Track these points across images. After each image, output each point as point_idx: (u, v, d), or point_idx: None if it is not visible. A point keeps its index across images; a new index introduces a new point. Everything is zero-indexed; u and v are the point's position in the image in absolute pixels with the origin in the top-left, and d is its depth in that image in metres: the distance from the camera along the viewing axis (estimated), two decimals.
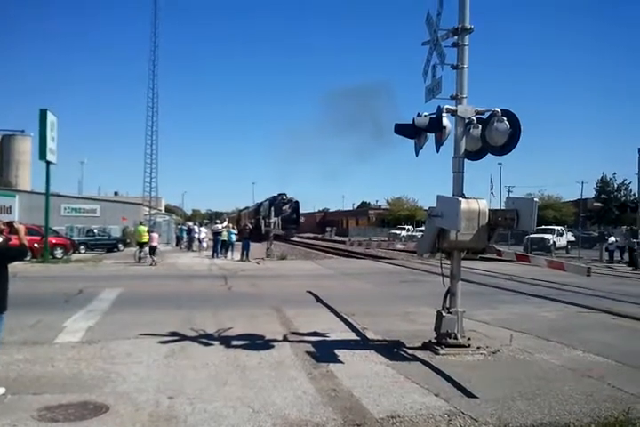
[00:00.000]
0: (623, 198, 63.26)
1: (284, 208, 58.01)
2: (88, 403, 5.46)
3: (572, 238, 41.66)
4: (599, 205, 69.04)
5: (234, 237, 30.61)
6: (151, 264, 24.15)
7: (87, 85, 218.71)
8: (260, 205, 68.06)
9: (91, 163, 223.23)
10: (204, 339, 8.59)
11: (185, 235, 38.59)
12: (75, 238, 33.78)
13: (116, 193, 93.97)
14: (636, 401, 5.73)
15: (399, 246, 46.61)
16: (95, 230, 37.57)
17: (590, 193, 74.43)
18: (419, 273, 21.42)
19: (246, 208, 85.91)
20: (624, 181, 67.74)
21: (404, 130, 8.18)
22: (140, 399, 5.60)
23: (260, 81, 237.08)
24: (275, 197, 61.88)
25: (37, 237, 25.73)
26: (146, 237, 26.00)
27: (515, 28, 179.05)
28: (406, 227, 69.85)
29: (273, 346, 8.14)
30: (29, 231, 24.93)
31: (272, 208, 56.78)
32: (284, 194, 62.05)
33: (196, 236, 36.44)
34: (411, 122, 7.99)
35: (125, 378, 6.38)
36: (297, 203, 62.99)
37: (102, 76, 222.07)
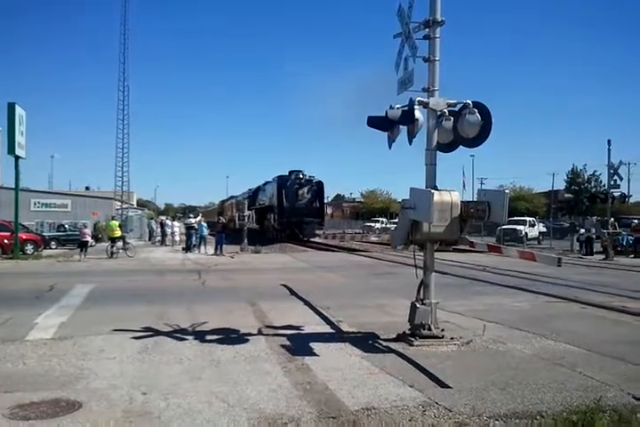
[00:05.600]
0: (593, 189, 64.26)
1: (300, 192, 40.23)
2: (60, 400, 5.39)
3: (544, 229, 42.29)
4: (570, 196, 70.09)
5: (205, 231, 30.37)
6: (79, 260, 23.58)
7: (56, 78, 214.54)
8: (258, 189, 48.69)
9: (61, 157, 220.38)
10: (177, 334, 8.52)
11: (157, 229, 38.30)
12: (45, 234, 33.33)
13: (87, 188, 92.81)
14: (606, 389, 5.82)
15: (373, 239, 47.13)
16: (66, 226, 37.09)
17: (561, 184, 75.78)
18: (393, 265, 21.51)
19: (232, 197, 65.52)
20: (594, 172, 68.96)
21: (376, 123, 8.17)
22: (113, 396, 5.54)
23: (234, 76, 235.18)
24: (282, 176, 41.24)
25: (7, 233, 25.42)
26: (118, 233, 25.74)
27: (487, 17, 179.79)
28: (380, 219, 70.29)
29: (248, 340, 8.10)
30: None
31: (283, 193, 39.97)
32: (301, 171, 40.99)
33: (169, 230, 36.25)
34: (383, 115, 8.00)
35: (98, 374, 6.30)
36: (320, 184, 41.29)
37: (71, 69, 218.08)
